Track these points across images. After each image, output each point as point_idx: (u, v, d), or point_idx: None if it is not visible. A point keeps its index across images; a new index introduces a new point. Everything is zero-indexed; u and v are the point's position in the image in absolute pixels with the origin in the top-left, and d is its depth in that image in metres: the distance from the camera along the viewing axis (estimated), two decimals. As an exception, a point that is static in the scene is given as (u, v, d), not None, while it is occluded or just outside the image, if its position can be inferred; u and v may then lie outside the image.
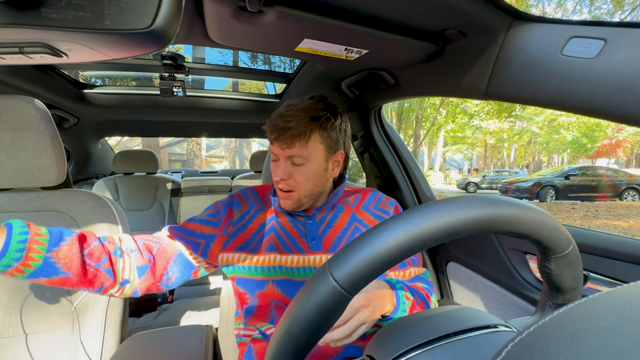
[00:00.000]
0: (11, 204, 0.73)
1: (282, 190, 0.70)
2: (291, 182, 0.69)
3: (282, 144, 0.67)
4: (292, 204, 0.71)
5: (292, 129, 0.66)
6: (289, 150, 0.67)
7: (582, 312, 0.17)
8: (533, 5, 13.37)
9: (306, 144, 0.67)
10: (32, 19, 0.37)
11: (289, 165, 0.69)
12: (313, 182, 0.70)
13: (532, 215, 0.31)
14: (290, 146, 0.67)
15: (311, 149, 0.68)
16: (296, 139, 0.66)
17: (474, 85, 0.74)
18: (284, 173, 0.68)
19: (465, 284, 1.09)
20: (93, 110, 1.62)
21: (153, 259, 0.68)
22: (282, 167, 0.69)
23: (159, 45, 0.43)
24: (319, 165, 0.70)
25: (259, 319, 0.68)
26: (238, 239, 0.71)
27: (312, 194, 0.72)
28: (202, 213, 0.77)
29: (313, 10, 0.63)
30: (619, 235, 0.69)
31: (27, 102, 0.69)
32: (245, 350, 0.68)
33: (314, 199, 0.73)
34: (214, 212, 0.75)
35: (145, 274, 0.66)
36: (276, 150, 0.69)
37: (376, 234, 0.28)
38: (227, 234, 0.72)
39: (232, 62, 1.51)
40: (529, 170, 23.73)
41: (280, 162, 0.69)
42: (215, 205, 0.77)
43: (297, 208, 0.72)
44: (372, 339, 0.36)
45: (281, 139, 0.66)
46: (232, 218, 0.74)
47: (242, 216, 0.74)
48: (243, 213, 0.74)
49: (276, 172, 0.69)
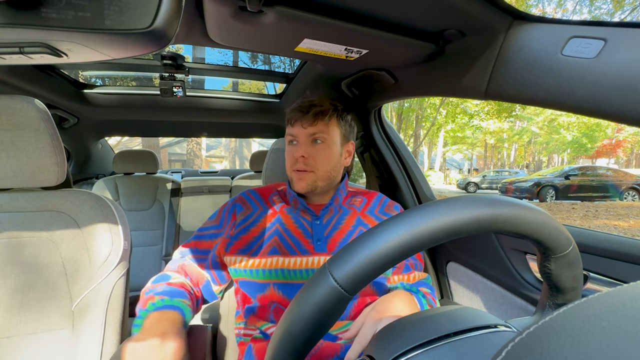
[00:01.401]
0: (11, 204, 0.73)
1: (299, 171, 0.72)
2: (310, 161, 0.72)
3: (305, 122, 0.71)
4: (306, 185, 0.72)
5: (317, 106, 0.72)
6: (312, 127, 0.71)
7: (582, 312, 0.17)
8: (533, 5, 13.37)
9: (327, 123, 0.73)
10: (32, 19, 0.37)
11: (310, 144, 0.72)
12: (330, 164, 0.74)
13: (532, 215, 0.31)
14: (313, 123, 0.71)
15: (330, 130, 0.73)
16: (319, 117, 0.71)
17: (474, 85, 0.74)
18: (305, 151, 0.71)
19: (465, 284, 1.09)
20: (93, 110, 1.62)
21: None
22: (303, 145, 0.72)
23: (159, 45, 0.43)
24: (336, 148, 0.75)
25: (260, 319, 0.68)
26: (240, 241, 0.71)
27: (328, 177, 0.74)
28: (207, 224, 0.77)
29: (313, 10, 0.63)
30: (619, 235, 0.69)
31: (27, 102, 0.69)
32: (245, 349, 0.68)
33: (327, 184, 0.75)
34: (218, 223, 0.76)
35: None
36: (297, 131, 0.73)
37: (376, 234, 0.28)
38: (229, 236, 0.72)
39: (232, 62, 1.51)
40: (529, 170, 23.72)
41: (300, 142, 0.73)
42: (218, 215, 0.77)
43: (311, 191, 0.73)
44: (372, 338, 0.36)
45: (305, 117, 0.71)
46: (234, 221, 0.74)
47: (245, 219, 0.74)
48: (246, 216, 0.74)
49: (295, 152, 0.72)
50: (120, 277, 0.74)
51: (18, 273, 0.69)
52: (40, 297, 0.70)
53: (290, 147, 0.75)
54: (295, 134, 0.73)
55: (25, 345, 0.68)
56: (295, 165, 0.72)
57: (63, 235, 0.73)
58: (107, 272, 0.73)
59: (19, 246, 0.70)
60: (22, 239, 0.70)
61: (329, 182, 0.75)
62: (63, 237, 0.72)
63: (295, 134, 0.73)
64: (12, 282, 0.69)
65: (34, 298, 0.69)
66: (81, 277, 0.72)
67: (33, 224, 0.72)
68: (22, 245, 0.70)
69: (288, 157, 0.75)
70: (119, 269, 0.74)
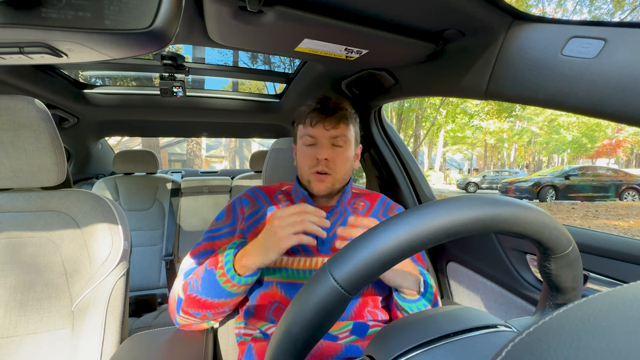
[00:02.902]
0: (11, 204, 0.73)
1: (319, 173, 0.72)
2: (331, 164, 0.72)
3: (329, 125, 0.71)
4: (326, 188, 0.73)
5: (343, 109, 0.71)
6: (335, 130, 0.71)
7: (582, 312, 0.17)
8: (533, 5, 13.37)
9: (348, 127, 0.73)
10: (32, 19, 0.37)
11: (330, 147, 0.72)
12: (347, 167, 0.74)
13: (532, 215, 0.31)
14: (337, 126, 0.71)
15: (349, 134, 0.73)
16: (342, 120, 0.71)
17: (474, 85, 0.74)
18: (327, 153, 0.71)
19: (465, 284, 1.09)
20: (93, 110, 1.62)
21: None
22: (325, 148, 0.72)
23: (159, 45, 0.43)
24: (352, 151, 0.75)
25: (259, 319, 0.68)
26: (251, 234, 0.71)
27: (343, 181, 0.75)
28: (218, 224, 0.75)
29: (313, 10, 0.63)
30: (619, 235, 0.69)
31: (27, 102, 0.69)
32: (245, 349, 0.68)
33: (341, 186, 0.76)
34: (231, 220, 0.75)
35: None
36: (319, 132, 0.72)
37: (376, 234, 0.28)
38: (241, 230, 0.73)
39: (232, 62, 1.51)
40: (529, 170, 23.71)
41: (322, 144, 0.72)
42: (227, 213, 0.76)
43: (329, 193, 0.74)
44: (372, 339, 0.36)
45: (328, 119, 0.71)
46: (243, 214, 0.74)
47: (252, 214, 0.74)
48: (253, 211, 0.75)
49: (317, 153, 0.71)
50: (120, 277, 0.74)
51: (18, 273, 0.69)
52: (40, 297, 0.70)
53: (308, 148, 0.73)
54: (316, 135, 0.72)
55: (25, 345, 0.68)
56: (316, 167, 0.72)
57: (63, 235, 0.73)
58: (107, 272, 0.73)
59: (19, 246, 0.70)
60: (22, 239, 0.70)
61: (343, 185, 0.76)
62: (63, 237, 0.72)
63: (316, 135, 0.72)
64: (12, 282, 0.69)
65: (34, 298, 0.69)
66: (81, 277, 0.72)
67: (33, 224, 0.72)
68: (22, 245, 0.70)
69: (306, 158, 0.73)
70: (119, 268, 0.74)
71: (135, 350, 0.66)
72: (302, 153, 0.75)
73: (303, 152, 0.74)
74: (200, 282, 0.62)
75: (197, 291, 0.63)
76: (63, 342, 0.70)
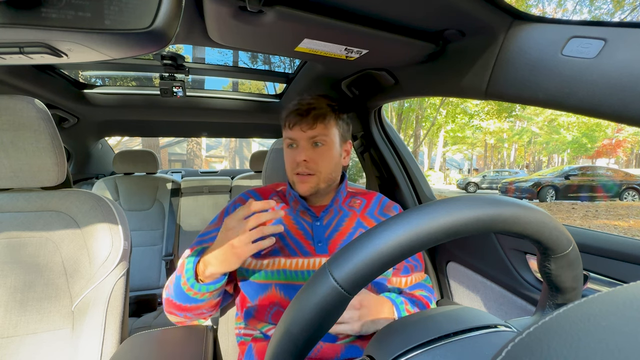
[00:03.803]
0: (11, 204, 0.73)
1: (301, 174, 0.72)
2: (312, 164, 0.71)
3: (305, 126, 0.70)
4: (310, 188, 0.72)
5: (316, 109, 0.71)
6: (312, 130, 0.71)
7: (582, 312, 0.17)
8: (533, 5, 13.36)
9: (327, 125, 0.72)
10: (32, 19, 0.37)
11: (310, 147, 0.72)
12: (331, 166, 0.73)
13: (532, 215, 0.31)
14: (313, 126, 0.71)
15: (330, 132, 0.72)
16: (319, 119, 0.70)
17: (474, 85, 0.74)
18: (306, 155, 0.71)
19: (465, 284, 1.09)
20: (93, 110, 1.62)
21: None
22: (304, 149, 0.71)
23: (159, 45, 0.43)
24: (336, 149, 0.74)
25: (259, 321, 0.68)
26: None
27: (330, 179, 0.74)
28: (208, 228, 0.76)
29: (313, 10, 0.63)
30: (619, 235, 0.69)
31: (27, 102, 0.69)
32: (245, 349, 0.68)
33: (328, 186, 0.75)
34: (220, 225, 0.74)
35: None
36: (297, 134, 0.72)
37: (376, 234, 0.28)
38: None
39: (232, 62, 1.51)
40: (529, 170, 23.70)
41: (301, 146, 0.72)
42: (219, 218, 0.77)
43: (313, 193, 0.74)
44: (372, 339, 0.36)
45: (304, 120, 0.70)
46: None
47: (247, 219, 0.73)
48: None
49: (297, 155, 0.71)
50: (120, 277, 0.74)
51: (18, 273, 0.69)
52: (40, 297, 0.70)
53: (290, 150, 0.74)
54: (294, 137, 0.72)
55: (25, 345, 0.68)
56: (297, 169, 0.72)
57: (63, 235, 0.73)
58: (107, 272, 0.73)
59: (19, 246, 0.70)
60: (22, 239, 0.70)
61: (330, 184, 0.75)
62: (63, 237, 0.73)
63: (294, 137, 0.72)
64: (12, 282, 0.69)
65: (34, 298, 0.69)
66: (81, 277, 0.72)
67: (33, 224, 0.72)
68: (22, 245, 0.70)
69: (288, 161, 0.75)
70: (119, 268, 0.74)
71: (135, 350, 0.66)
72: (285, 155, 0.76)
73: (286, 154, 0.76)
74: (173, 287, 0.64)
75: (171, 295, 0.64)
76: (63, 342, 0.70)
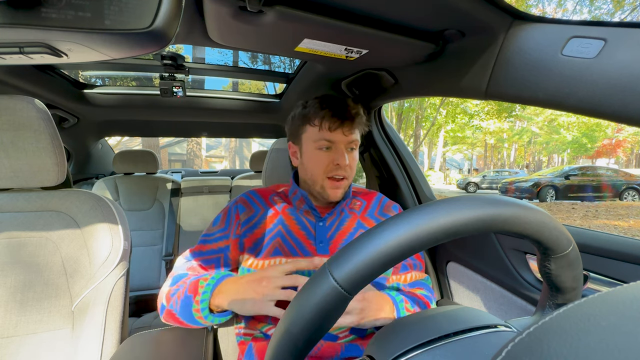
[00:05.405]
0: (11, 204, 0.73)
1: (337, 179, 0.71)
2: (347, 168, 0.71)
3: (347, 130, 0.70)
4: (342, 192, 0.73)
5: (360, 115, 0.71)
6: (352, 135, 0.71)
7: (582, 312, 0.17)
8: (533, 5, 13.37)
9: (360, 130, 0.73)
10: (32, 19, 0.37)
11: (347, 151, 0.72)
12: (355, 170, 0.74)
13: (532, 215, 0.31)
14: (354, 131, 0.71)
15: (359, 137, 0.74)
16: (358, 126, 0.71)
17: (474, 85, 0.74)
18: (347, 159, 0.70)
19: (465, 284, 1.09)
20: (93, 110, 1.62)
21: None
22: (343, 152, 0.70)
23: (159, 45, 0.43)
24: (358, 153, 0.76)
25: (259, 321, 0.68)
26: (248, 239, 0.71)
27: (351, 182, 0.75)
28: (211, 230, 0.76)
29: (313, 10, 0.63)
30: (619, 235, 0.69)
31: (27, 102, 0.69)
32: (245, 349, 0.68)
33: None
34: (224, 226, 0.75)
35: None
36: (338, 137, 0.70)
37: (376, 234, 0.28)
38: (237, 236, 0.72)
39: (232, 62, 1.51)
40: (529, 170, 23.70)
41: (340, 149, 0.70)
42: (222, 219, 0.76)
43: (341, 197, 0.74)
44: (372, 338, 0.36)
45: (347, 124, 0.69)
46: (239, 221, 0.74)
47: (249, 219, 0.74)
48: (249, 217, 0.74)
49: (337, 159, 0.70)
50: (120, 277, 0.74)
51: (18, 273, 0.69)
52: (40, 297, 0.70)
53: (323, 152, 0.71)
54: (335, 140, 0.70)
55: (25, 345, 0.68)
56: (334, 172, 0.70)
57: (63, 235, 0.73)
58: (107, 272, 0.73)
59: (19, 246, 0.70)
60: (22, 239, 0.70)
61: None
62: (63, 237, 0.72)
63: (335, 140, 0.70)
64: (12, 282, 0.69)
65: (34, 298, 0.69)
66: (81, 277, 0.72)
67: (33, 224, 0.72)
68: (22, 245, 0.70)
69: (322, 163, 0.71)
70: (119, 268, 0.74)
71: (135, 350, 0.66)
72: (317, 157, 0.71)
73: (318, 156, 0.71)
74: (180, 305, 0.63)
75: (176, 310, 0.64)
76: (63, 342, 0.70)
